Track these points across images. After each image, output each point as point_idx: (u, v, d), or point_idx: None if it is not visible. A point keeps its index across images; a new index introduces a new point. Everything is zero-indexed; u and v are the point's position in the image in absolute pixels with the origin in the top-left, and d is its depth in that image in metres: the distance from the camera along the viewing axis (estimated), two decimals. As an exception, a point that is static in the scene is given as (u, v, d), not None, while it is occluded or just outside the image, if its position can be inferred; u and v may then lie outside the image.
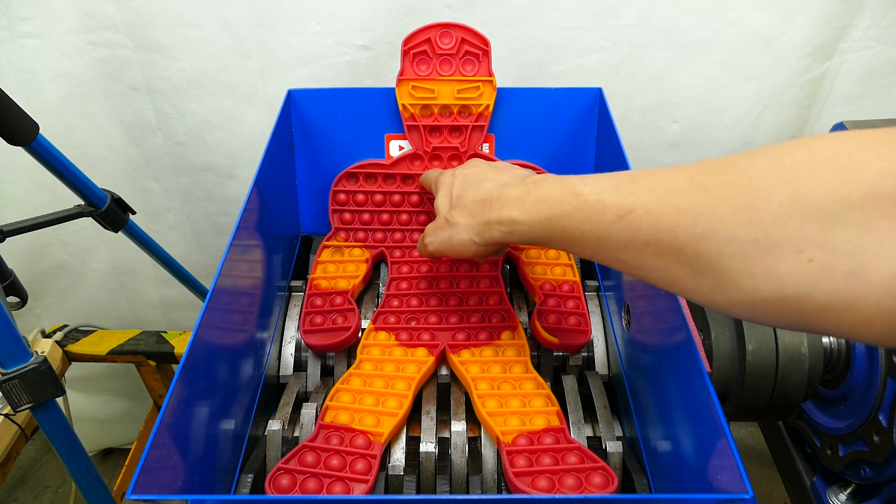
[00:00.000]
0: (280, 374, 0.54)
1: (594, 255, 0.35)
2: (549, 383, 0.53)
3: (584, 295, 0.57)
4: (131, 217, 0.80)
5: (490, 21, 0.75)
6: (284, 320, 0.57)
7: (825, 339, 0.59)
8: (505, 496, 0.42)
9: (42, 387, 0.60)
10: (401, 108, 0.60)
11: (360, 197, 0.63)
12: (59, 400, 0.63)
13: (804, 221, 0.25)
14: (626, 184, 0.33)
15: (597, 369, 0.54)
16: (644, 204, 0.31)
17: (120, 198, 0.77)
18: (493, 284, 0.57)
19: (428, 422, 0.47)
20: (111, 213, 0.76)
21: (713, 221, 0.28)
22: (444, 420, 0.49)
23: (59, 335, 0.90)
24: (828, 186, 0.25)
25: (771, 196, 0.26)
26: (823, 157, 0.26)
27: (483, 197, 0.42)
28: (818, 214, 0.25)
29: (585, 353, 0.55)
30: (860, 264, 0.24)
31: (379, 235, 0.62)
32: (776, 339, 0.56)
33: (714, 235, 0.28)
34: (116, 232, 0.78)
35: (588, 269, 0.62)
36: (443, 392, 0.51)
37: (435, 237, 0.46)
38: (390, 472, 0.44)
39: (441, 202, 0.47)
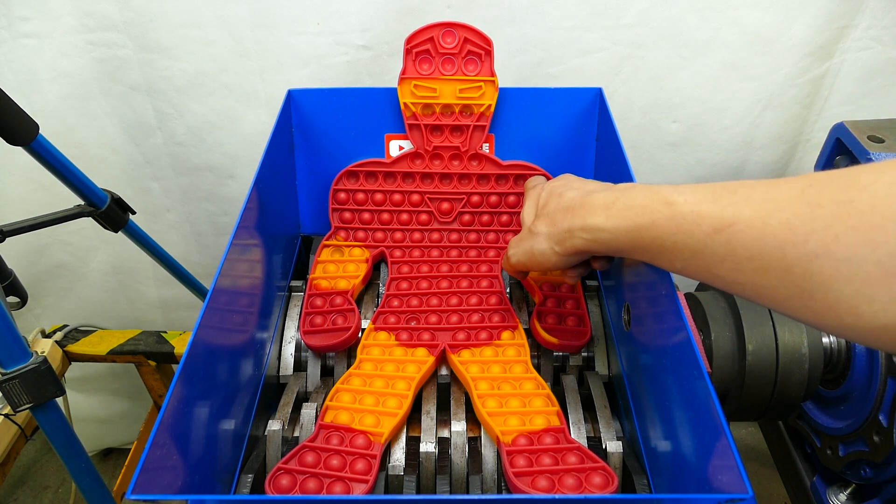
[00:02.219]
0: (280, 374, 0.54)
1: (685, 268, 0.34)
2: (549, 383, 0.53)
3: (584, 295, 0.57)
4: (131, 217, 0.80)
5: (490, 21, 0.75)
6: (284, 320, 0.57)
7: (825, 339, 0.59)
8: (505, 496, 0.42)
9: (42, 387, 0.60)
10: (402, 106, 0.60)
11: (361, 196, 0.63)
12: (59, 400, 0.63)
13: None
14: (725, 195, 0.31)
15: (597, 369, 0.54)
16: (746, 217, 0.29)
17: (120, 198, 0.77)
18: (493, 284, 0.57)
19: (428, 422, 0.47)
20: (111, 213, 0.76)
21: (827, 240, 0.26)
22: (444, 420, 0.49)
23: (59, 335, 0.90)
24: None
25: None
26: None
27: (567, 205, 0.41)
28: None
29: (585, 353, 0.55)
30: None
31: (379, 235, 0.62)
32: (776, 340, 0.56)
33: (828, 255, 0.26)
34: (116, 232, 0.78)
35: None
36: (443, 392, 0.51)
37: (517, 248, 0.45)
38: (390, 472, 0.44)
39: (526, 213, 0.46)
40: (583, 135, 0.62)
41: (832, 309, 0.27)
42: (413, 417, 0.49)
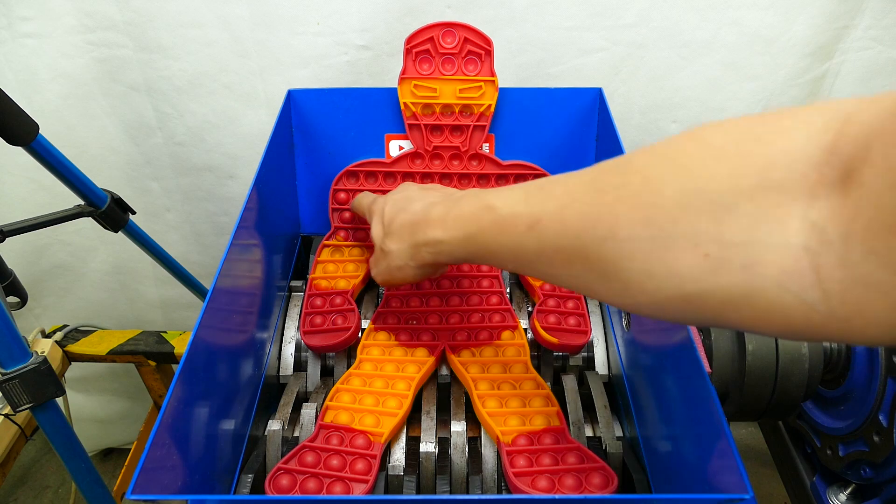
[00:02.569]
0: (280, 374, 0.54)
1: (516, 268, 0.35)
2: (549, 383, 0.53)
3: (585, 295, 0.57)
4: (131, 217, 0.80)
5: (490, 21, 0.75)
6: (284, 320, 0.57)
7: (825, 339, 0.59)
8: (505, 496, 0.42)
9: (42, 387, 0.60)
10: (402, 106, 0.60)
11: (361, 197, 0.63)
12: (59, 400, 0.63)
13: (698, 215, 0.24)
14: (535, 193, 0.33)
15: (597, 369, 0.54)
16: (549, 212, 0.31)
17: (120, 198, 0.77)
18: (494, 284, 0.57)
19: (428, 422, 0.47)
20: (111, 213, 0.76)
21: (612, 223, 0.27)
22: (444, 420, 0.49)
23: (59, 335, 0.90)
24: (719, 178, 0.24)
25: (665, 191, 0.26)
26: (714, 148, 0.25)
27: (410, 220, 0.42)
28: (711, 207, 0.24)
29: (585, 353, 0.55)
30: (753, 257, 0.23)
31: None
32: (776, 340, 0.56)
33: (614, 237, 0.27)
34: (116, 232, 0.78)
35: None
36: (443, 392, 0.51)
37: (377, 268, 0.46)
38: (390, 472, 0.44)
39: (375, 231, 0.46)
40: (583, 135, 0.62)
41: (626, 288, 0.28)
42: (413, 417, 0.49)
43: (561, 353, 0.54)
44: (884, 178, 0.20)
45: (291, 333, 0.56)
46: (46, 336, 0.89)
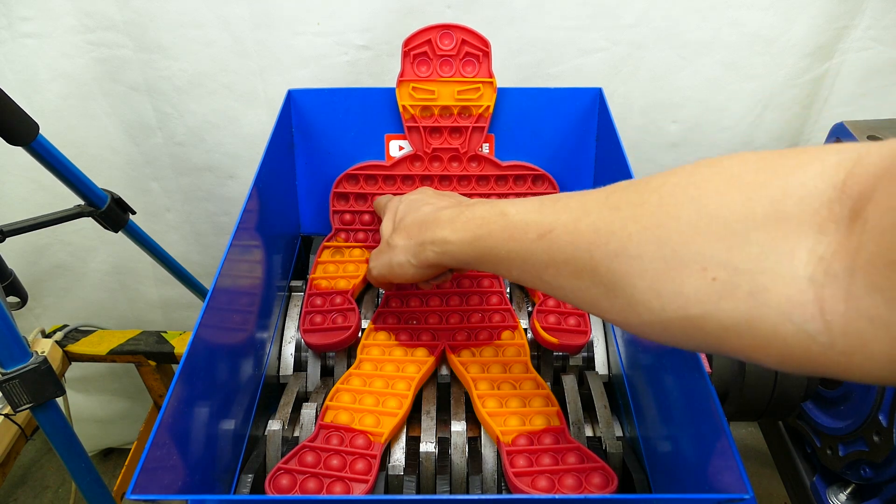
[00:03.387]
0: (280, 374, 0.54)
1: (520, 277, 0.35)
2: (549, 383, 0.53)
3: (584, 295, 0.57)
4: (131, 217, 0.80)
5: (490, 21, 0.75)
6: (284, 320, 0.57)
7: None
8: (505, 496, 0.42)
9: (42, 387, 0.60)
10: (401, 109, 0.60)
11: (361, 198, 0.63)
12: (59, 400, 0.63)
13: (709, 239, 0.25)
14: (549, 204, 0.33)
15: (597, 369, 0.54)
16: (563, 223, 0.31)
17: (120, 198, 0.77)
18: (494, 284, 0.57)
19: (428, 422, 0.47)
20: (111, 213, 0.76)
21: (624, 239, 0.28)
22: (444, 420, 0.49)
23: (59, 335, 0.90)
24: (733, 205, 0.25)
25: (679, 214, 0.26)
26: (731, 175, 0.26)
27: (421, 219, 0.43)
28: (723, 233, 0.25)
29: (585, 353, 0.55)
30: (760, 285, 0.23)
31: (379, 236, 0.62)
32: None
33: (625, 253, 0.28)
34: (116, 232, 0.78)
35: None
36: (443, 392, 0.51)
37: (377, 261, 0.47)
38: (390, 472, 0.44)
39: (385, 227, 0.48)
40: (583, 135, 0.62)
41: (631, 305, 0.28)
42: (413, 417, 0.49)
43: (561, 353, 0.54)
44: (887, 216, 0.21)
45: (291, 333, 0.56)
46: (46, 336, 0.89)
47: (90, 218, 0.76)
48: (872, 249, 0.21)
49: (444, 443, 0.47)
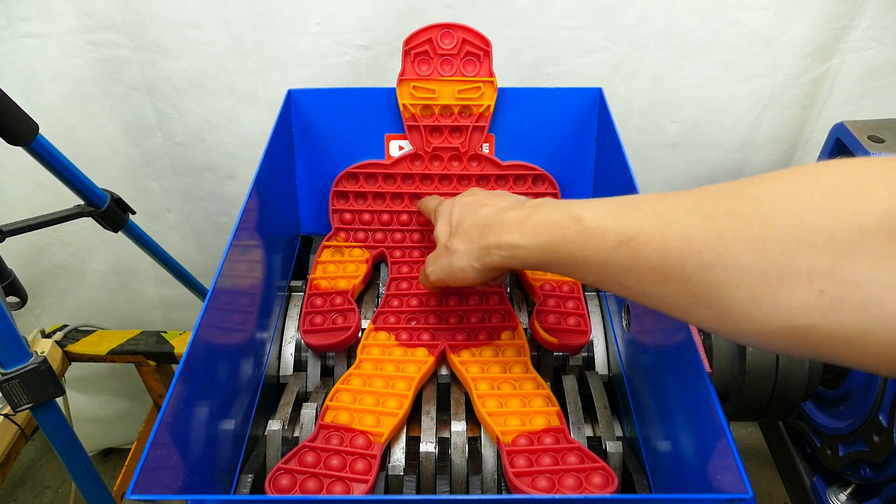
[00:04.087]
0: (280, 374, 0.54)
1: (597, 281, 0.35)
2: (549, 383, 0.53)
3: (584, 295, 0.57)
4: (131, 217, 0.80)
5: (490, 21, 0.75)
6: (284, 320, 0.57)
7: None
8: (505, 496, 0.42)
9: (42, 387, 0.60)
10: (401, 108, 0.60)
11: (361, 197, 0.63)
12: (59, 400, 0.63)
13: (814, 251, 0.25)
14: (628, 209, 0.32)
15: (597, 369, 0.54)
16: (647, 230, 0.30)
17: (120, 198, 0.77)
18: (493, 284, 0.57)
19: (428, 422, 0.47)
20: (111, 213, 0.76)
21: (720, 250, 0.27)
22: (444, 420, 0.49)
23: (59, 335, 0.90)
24: (838, 216, 0.25)
25: (779, 225, 0.26)
26: (833, 186, 0.26)
27: (482, 222, 0.42)
28: (828, 244, 0.24)
29: (585, 354, 0.55)
30: (872, 297, 0.23)
31: (379, 235, 0.62)
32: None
33: (721, 264, 0.27)
34: (116, 232, 0.78)
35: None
36: (443, 392, 0.51)
37: (436, 266, 0.46)
38: (390, 472, 0.44)
39: (440, 230, 0.47)
40: (583, 135, 0.62)
41: (728, 315, 0.28)
42: (413, 417, 0.49)
43: (561, 353, 0.54)
44: None
45: (291, 333, 0.56)
46: (46, 336, 0.89)
47: (90, 218, 0.76)
48: None
49: (444, 443, 0.47)
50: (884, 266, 0.23)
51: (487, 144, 0.62)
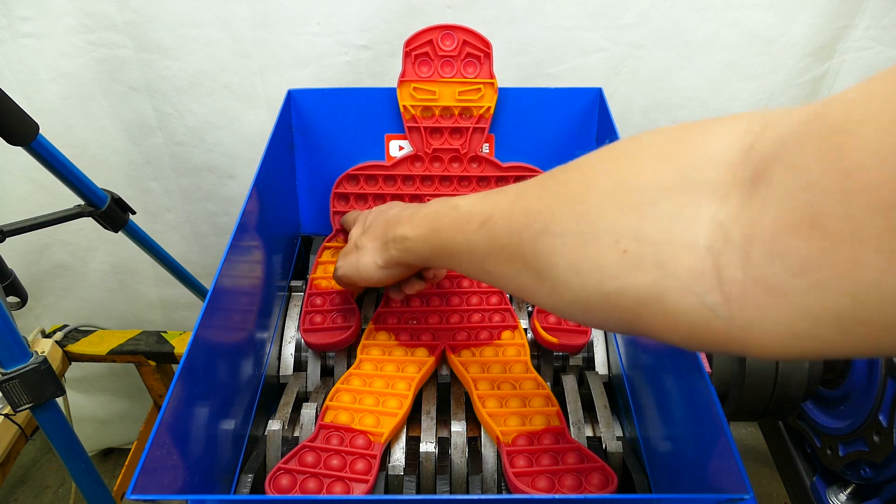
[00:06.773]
0: (280, 374, 0.54)
1: (469, 270, 0.35)
2: (549, 383, 0.53)
3: (584, 295, 0.57)
4: (131, 217, 0.80)
5: (490, 21, 0.75)
6: (284, 320, 0.57)
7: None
8: (505, 496, 0.42)
9: (42, 387, 0.60)
10: (402, 109, 0.60)
11: (361, 198, 0.63)
12: (59, 400, 0.63)
13: (622, 211, 0.24)
14: (493, 193, 0.33)
15: (597, 369, 0.54)
16: (500, 209, 0.31)
17: (120, 198, 0.77)
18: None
19: (428, 422, 0.47)
20: (111, 213, 0.76)
21: (548, 217, 0.27)
22: (444, 420, 0.49)
23: (59, 335, 0.90)
24: (644, 175, 0.24)
25: (599, 187, 0.26)
26: (647, 147, 0.25)
27: (386, 220, 0.44)
28: (634, 203, 0.24)
29: (585, 353, 0.55)
30: (666, 255, 0.23)
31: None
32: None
33: (548, 231, 0.27)
34: (116, 232, 0.78)
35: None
36: (443, 392, 0.51)
37: (343, 262, 0.48)
38: (390, 472, 0.44)
39: (354, 232, 0.49)
40: (583, 135, 0.62)
41: (555, 287, 0.27)
42: (413, 417, 0.49)
43: (561, 353, 0.54)
44: (794, 178, 0.19)
45: (291, 333, 0.56)
46: (46, 336, 0.89)
47: (90, 218, 0.76)
48: (773, 213, 0.19)
49: (444, 443, 0.47)
50: (677, 223, 0.22)
51: (487, 144, 0.62)
